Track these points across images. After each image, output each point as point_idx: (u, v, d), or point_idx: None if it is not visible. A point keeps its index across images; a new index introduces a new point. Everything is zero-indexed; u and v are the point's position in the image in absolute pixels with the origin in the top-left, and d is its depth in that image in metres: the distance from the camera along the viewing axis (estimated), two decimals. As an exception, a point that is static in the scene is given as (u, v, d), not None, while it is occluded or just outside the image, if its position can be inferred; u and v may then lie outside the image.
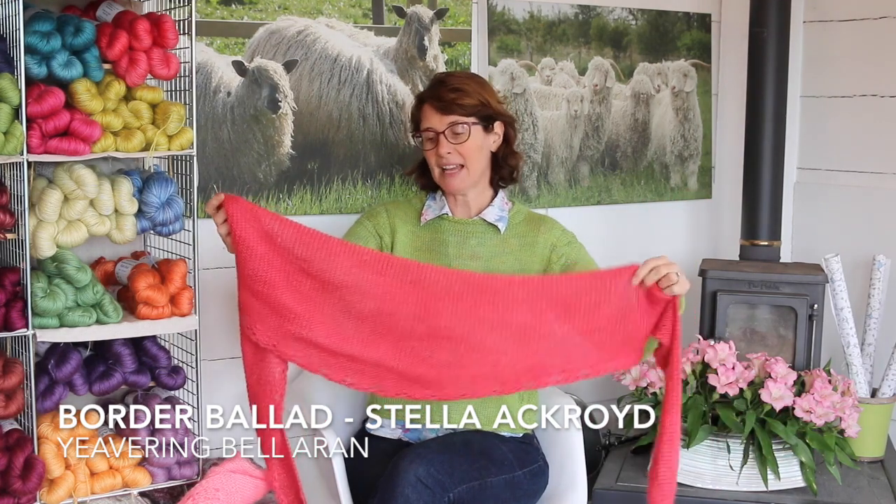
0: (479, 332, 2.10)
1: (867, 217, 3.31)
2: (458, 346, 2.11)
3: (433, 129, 2.44)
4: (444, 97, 2.43)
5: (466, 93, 2.44)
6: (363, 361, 2.13)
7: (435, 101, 2.44)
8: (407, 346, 2.11)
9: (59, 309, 2.18)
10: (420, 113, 2.48)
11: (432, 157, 2.46)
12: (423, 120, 2.47)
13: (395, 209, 2.56)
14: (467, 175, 2.46)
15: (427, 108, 2.46)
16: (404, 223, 2.52)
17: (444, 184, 2.47)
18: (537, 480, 2.47)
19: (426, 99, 2.47)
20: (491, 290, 2.11)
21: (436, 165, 2.46)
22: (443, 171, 2.45)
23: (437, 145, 2.44)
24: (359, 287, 2.11)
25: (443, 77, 2.51)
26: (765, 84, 3.12)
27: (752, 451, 2.72)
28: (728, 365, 2.74)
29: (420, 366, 2.11)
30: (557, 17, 3.17)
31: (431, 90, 2.48)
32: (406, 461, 2.23)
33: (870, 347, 3.05)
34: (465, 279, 2.13)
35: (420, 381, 2.12)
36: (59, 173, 2.21)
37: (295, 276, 2.12)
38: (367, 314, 2.12)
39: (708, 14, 3.47)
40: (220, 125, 2.61)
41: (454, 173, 2.45)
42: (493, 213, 2.51)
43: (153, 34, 2.25)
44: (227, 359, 2.68)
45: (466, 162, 2.45)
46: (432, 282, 2.11)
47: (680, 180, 3.47)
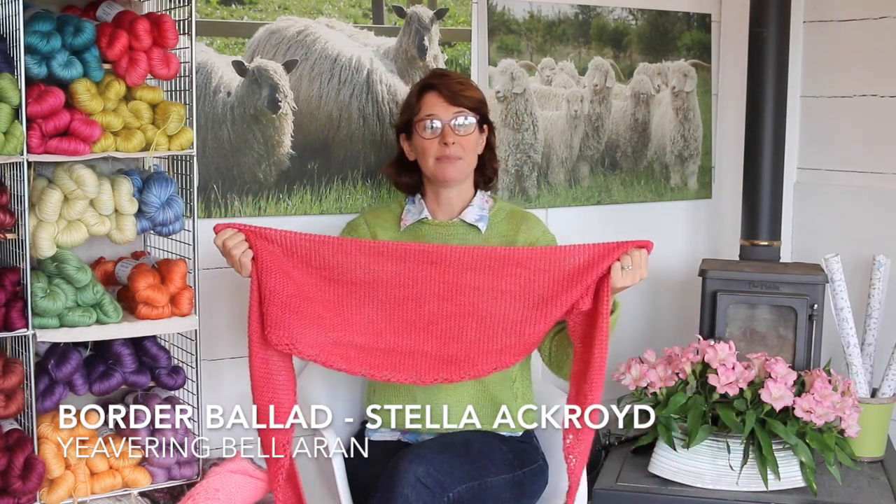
0: (503, 304, 2.18)
1: (867, 217, 3.31)
2: (484, 319, 2.18)
3: (439, 118, 2.43)
4: (454, 87, 2.44)
5: (471, 87, 2.48)
6: (399, 352, 2.19)
7: (444, 90, 2.44)
8: (437, 328, 2.19)
9: (59, 309, 2.18)
10: (420, 101, 2.46)
11: (432, 146, 2.44)
12: (424, 107, 2.45)
13: (373, 218, 2.56)
14: (464, 168, 2.47)
15: (432, 96, 2.45)
16: (384, 230, 2.52)
17: (440, 171, 2.46)
18: (537, 480, 2.47)
19: (432, 86, 2.46)
20: (511, 261, 2.18)
21: (434, 155, 2.45)
22: (439, 160, 2.45)
23: (443, 135, 2.43)
24: (382, 279, 2.19)
25: (442, 71, 2.54)
26: (765, 84, 3.12)
27: (752, 451, 2.72)
28: (728, 365, 2.74)
29: (452, 344, 2.18)
30: (557, 17, 3.17)
31: (438, 79, 2.48)
32: (405, 461, 2.23)
33: (870, 347, 3.05)
34: (483, 253, 2.20)
35: (455, 361, 2.17)
36: (59, 173, 2.21)
37: (320, 286, 2.19)
38: (396, 303, 2.19)
39: (708, 14, 3.47)
40: (220, 125, 2.62)
41: (453, 162, 2.45)
42: (473, 214, 2.51)
43: (153, 34, 2.25)
44: (227, 359, 2.68)
45: (465, 156, 2.45)
46: (452, 260, 2.18)
47: (680, 180, 3.47)
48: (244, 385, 2.59)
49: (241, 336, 2.68)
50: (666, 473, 2.77)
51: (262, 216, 2.68)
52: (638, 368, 2.79)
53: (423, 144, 2.46)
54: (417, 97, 2.48)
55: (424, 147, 2.46)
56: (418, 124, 2.46)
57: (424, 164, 2.47)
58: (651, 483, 2.77)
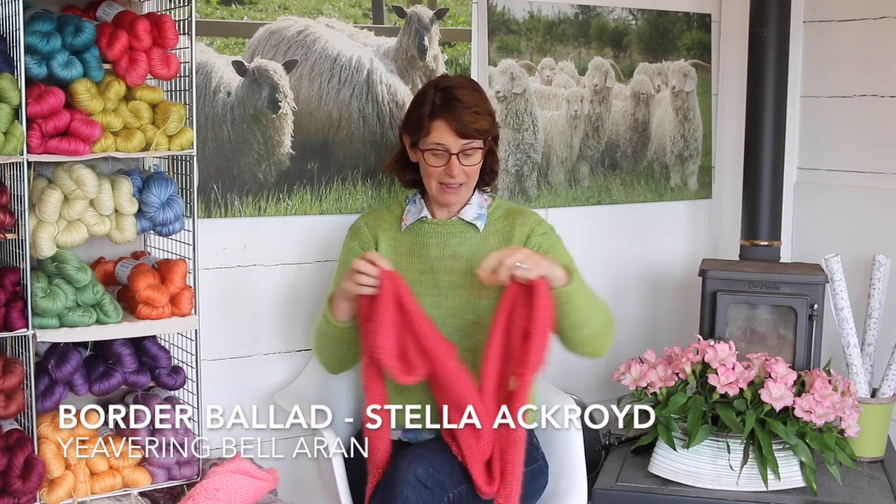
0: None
1: (867, 217, 3.31)
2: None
3: (446, 149, 2.42)
4: (464, 119, 2.40)
5: (482, 115, 2.43)
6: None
7: (454, 122, 2.40)
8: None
9: (59, 309, 2.18)
10: (430, 126, 2.42)
11: (436, 172, 2.44)
12: (433, 134, 2.41)
13: (374, 220, 2.57)
14: (466, 191, 2.48)
15: (442, 126, 2.41)
16: (385, 231, 2.53)
17: (443, 198, 2.47)
18: (537, 480, 2.47)
19: (442, 116, 2.41)
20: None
21: (438, 180, 2.45)
22: (442, 185, 2.45)
23: (449, 165, 2.42)
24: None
25: (454, 91, 2.43)
26: (765, 84, 3.12)
27: (752, 451, 2.72)
28: (728, 365, 2.74)
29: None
30: (557, 17, 3.16)
31: (449, 108, 2.41)
32: (405, 461, 2.23)
33: (870, 347, 3.05)
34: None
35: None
36: (59, 173, 2.21)
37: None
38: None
39: (708, 14, 3.47)
40: (220, 125, 2.61)
41: (456, 190, 2.46)
42: (472, 212, 2.51)
43: (153, 34, 2.25)
44: (227, 359, 2.68)
45: (468, 181, 2.46)
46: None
47: (680, 180, 3.47)
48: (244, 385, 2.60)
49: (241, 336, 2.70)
50: (666, 473, 2.77)
51: (262, 216, 2.68)
52: (638, 368, 2.79)
53: (428, 168, 2.45)
54: (428, 121, 2.42)
55: (429, 171, 2.45)
56: (426, 151, 2.44)
57: (427, 183, 2.48)
58: (651, 483, 2.77)
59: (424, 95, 2.47)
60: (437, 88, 2.45)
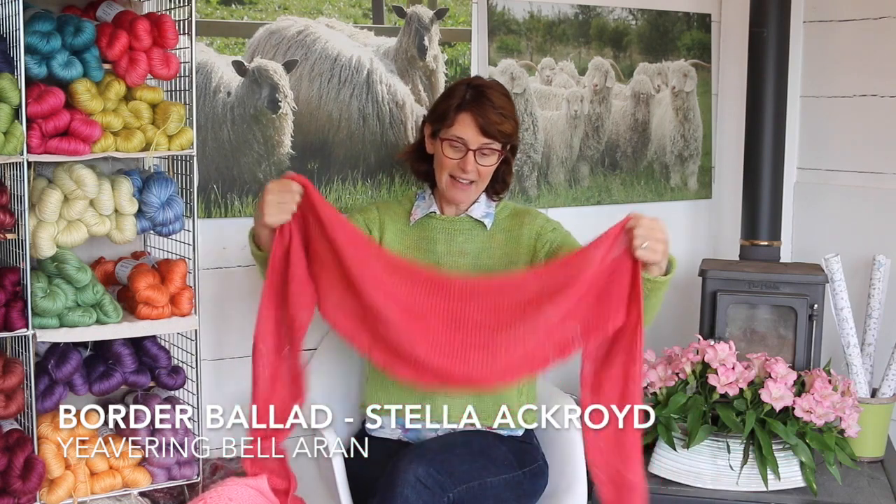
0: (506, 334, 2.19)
1: (867, 217, 3.31)
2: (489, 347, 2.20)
3: (465, 143, 2.41)
4: (490, 117, 2.39)
5: (508, 119, 2.43)
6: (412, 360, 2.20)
7: (480, 118, 2.39)
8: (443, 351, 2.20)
9: (59, 309, 2.18)
10: (455, 117, 2.41)
11: (450, 165, 2.43)
12: (455, 126, 2.41)
13: (385, 208, 2.57)
14: (475, 191, 2.48)
15: (467, 119, 2.40)
16: (394, 222, 2.53)
17: (451, 193, 2.47)
18: (537, 480, 2.47)
19: (469, 110, 2.40)
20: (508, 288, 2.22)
21: (450, 173, 2.45)
22: (453, 179, 2.45)
23: (464, 160, 2.42)
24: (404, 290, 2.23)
25: (485, 90, 2.43)
26: (765, 84, 3.12)
27: (752, 451, 2.72)
28: (728, 365, 2.74)
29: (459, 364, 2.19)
30: (557, 18, 3.17)
31: (477, 105, 2.41)
32: (406, 461, 2.23)
33: (870, 347, 3.05)
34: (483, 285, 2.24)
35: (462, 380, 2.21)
36: (59, 173, 2.21)
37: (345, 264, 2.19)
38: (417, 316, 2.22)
39: (708, 14, 3.47)
40: (220, 125, 2.61)
41: (466, 187, 2.45)
42: (480, 210, 2.52)
43: (153, 34, 2.25)
44: (227, 359, 2.68)
45: (479, 180, 2.46)
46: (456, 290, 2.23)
47: (680, 180, 3.47)
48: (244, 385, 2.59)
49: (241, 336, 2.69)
50: (666, 473, 2.77)
51: (262, 216, 2.68)
52: (638, 368, 2.79)
53: (443, 159, 2.45)
54: (454, 112, 2.42)
55: (443, 161, 2.45)
56: (445, 141, 2.44)
57: (439, 174, 2.47)
58: (651, 483, 2.77)
59: (455, 89, 2.48)
60: (470, 85, 2.46)
